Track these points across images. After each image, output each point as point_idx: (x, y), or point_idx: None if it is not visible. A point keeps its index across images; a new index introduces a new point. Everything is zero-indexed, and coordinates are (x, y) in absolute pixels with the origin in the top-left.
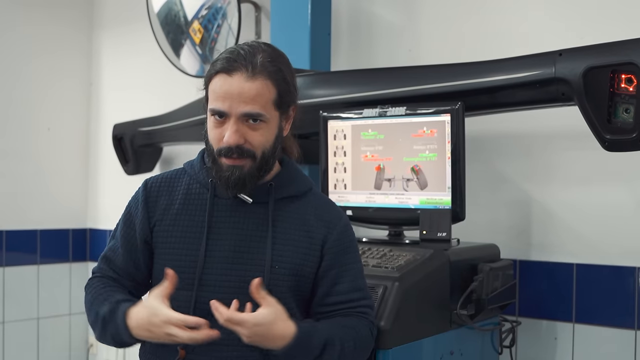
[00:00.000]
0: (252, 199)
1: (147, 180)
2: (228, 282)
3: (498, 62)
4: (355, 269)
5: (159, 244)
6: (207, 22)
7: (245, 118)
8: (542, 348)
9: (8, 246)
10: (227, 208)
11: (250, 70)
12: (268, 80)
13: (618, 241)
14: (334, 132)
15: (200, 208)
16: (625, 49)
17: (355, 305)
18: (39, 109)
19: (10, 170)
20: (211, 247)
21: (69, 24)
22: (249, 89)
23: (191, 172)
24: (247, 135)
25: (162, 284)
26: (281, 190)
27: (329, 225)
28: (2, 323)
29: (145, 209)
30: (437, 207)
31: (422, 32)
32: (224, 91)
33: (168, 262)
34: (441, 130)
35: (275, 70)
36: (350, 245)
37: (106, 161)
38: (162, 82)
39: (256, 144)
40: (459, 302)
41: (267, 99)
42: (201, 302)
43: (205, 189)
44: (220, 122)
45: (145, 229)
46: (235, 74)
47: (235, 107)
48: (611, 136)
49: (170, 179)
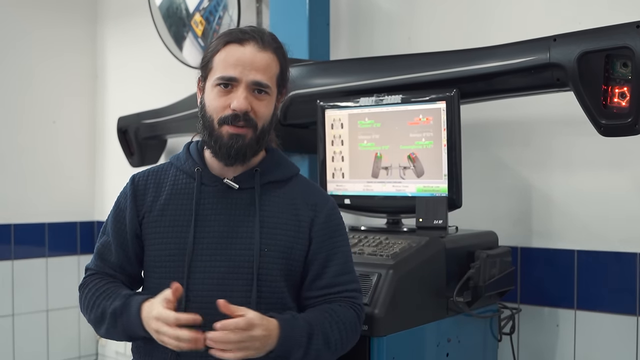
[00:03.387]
0: (238, 184)
1: (134, 175)
2: (218, 268)
3: (492, 48)
4: (344, 252)
5: (148, 235)
6: (209, 13)
7: (253, 87)
8: (545, 335)
9: (16, 240)
10: (213, 195)
11: (261, 43)
12: (274, 55)
13: (619, 227)
14: (331, 121)
15: (187, 197)
16: (619, 33)
17: (342, 290)
18: (45, 103)
19: (17, 164)
20: (199, 234)
21: (73, 17)
22: (261, 59)
23: (177, 163)
24: (252, 103)
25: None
26: (267, 176)
27: (315, 208)
28: (12, 315)
29: (133, 202)
30: (434, 195)
31: (422, 20)
32: (236, 58)
33: (158, 252)
34: (437, 118)
35: (279, 47)
36: (338, 228)
37: (112, 154)
38: (166, 74)
39: (260, 114)
40: (456, 289)
41: (273, 72)
42: (193, 290)
43: (192, 178)
44: (225, 92)
45: (134, 222)
46: (247, 44)
47: (247, 74)
48: (606, 121)
49: (157, 172)
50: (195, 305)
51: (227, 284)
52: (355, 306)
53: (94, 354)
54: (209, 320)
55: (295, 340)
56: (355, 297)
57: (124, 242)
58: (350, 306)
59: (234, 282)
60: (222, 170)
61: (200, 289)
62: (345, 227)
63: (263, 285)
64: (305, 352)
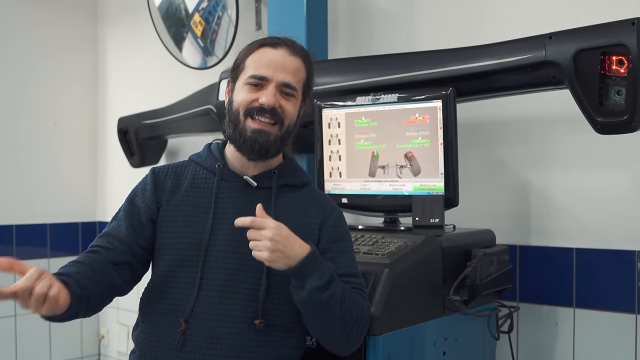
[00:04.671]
0: (256, 183)
1: (154, 167)
2: (231, 260)
3: (488, 46)
4: (350, 256)
5: (164, 222)
6: (208, 14)
7: (282, 88)
8: (544, 333)
9: (18, 240)
10: (232, 191)
11: (292, 49)
12: (303, 62)
13: (618, 225)
14: (328, 121)
15: (206, 190)
16: (614, 30)
17: (352, 284)
18: (46, 104)
19: (18, 165)
20: (216, 225)
21: (74, 18)
22: (292, 62)
23: (198, 160)
24: (280, 101)
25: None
26: (284, 178)
27: (325, 213)
28: (14, 316)
29: (154, 189)
30: (430, 194)
31: (420, 19)
32: (269, 59)
33: (173, 239)
34: (433, 117)
35: (307, 56)
36: (344, 234)
37: (114, 154)
38: (167, 75)
39: (287, 112)
40: (452, 287)
41: (300, 77)
42: (205, 278)
43: (212, 173)
44: (255, 90)
45: (152, 207)
46: (280, 48)
47: (277, 75)
48: (603, 119)
49: (176, 167)
50: (206, 292)
51: (239, 275)
52: (366, 301)
53: (97, 354)
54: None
55: (319, 268)
56: (365, 293)
57: (137, 224)
58: (364, 298)
59: (244, 273)
60: (242, 168)
61: (212, 277)
62: (350, 236)
63: (272, 279)
64: (322, 286)
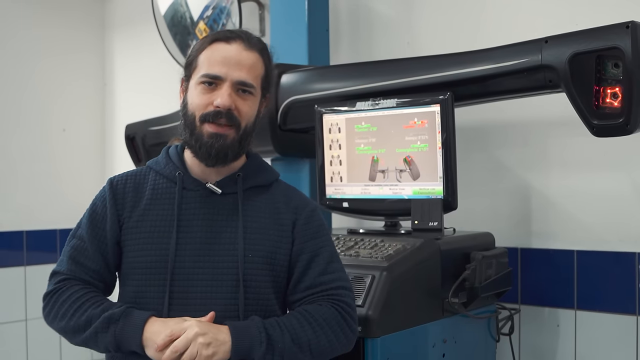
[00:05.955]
0: (220, 189)
1: (111, 178)
2: (201, 275)
3: (485, 51)
4: (326, 252)
5: (127, 241)
6: (212, 21)
7: (238, 86)
8: (545, 335)
9: (29, 246)
10: (195, 200)
11: (247, 42)
12: (260, 56)
13: (618, 227)
14: (328, 126)
15: (168, 202)
16: (609, 34)
17: (325, 289)
18: (54, 111)
19: (28, 171)
20: (182, 239)
21: (81, 25)
22: (247, 58)
23: (157, 167)
24: (236, 102)
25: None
26: (249, 180)
27: (296, 211)
28: (25, 321)
29: (113, 207)
30: (429, 197)
31: (421, 25)
32: (222, 56)
33: (138, 258)
34: (431, 121)
35: (265, 49)
36: (319, 229)
37: (122, 161)
38: (174, 82)
39: (243, 113)
40: (451, 290)
41: (258, 73)
42: (175, 297)
43: (173, 182)
44: (209, 90)
45: (115, 228)
46: (234, 42)
47: (232, 73)
48: (599, 122)
49: (135, 176)
50: (177, 313)
51: (211, 292)
52: (338, 304)
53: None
54: None
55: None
56: (340, 295)
57: (104, 249)
58: (332, 304)
59: (218, 289)
60: (203, 174)
61: (183, 296)
62: (328, 229)
63: (249, 292)
64: (269, 348)
